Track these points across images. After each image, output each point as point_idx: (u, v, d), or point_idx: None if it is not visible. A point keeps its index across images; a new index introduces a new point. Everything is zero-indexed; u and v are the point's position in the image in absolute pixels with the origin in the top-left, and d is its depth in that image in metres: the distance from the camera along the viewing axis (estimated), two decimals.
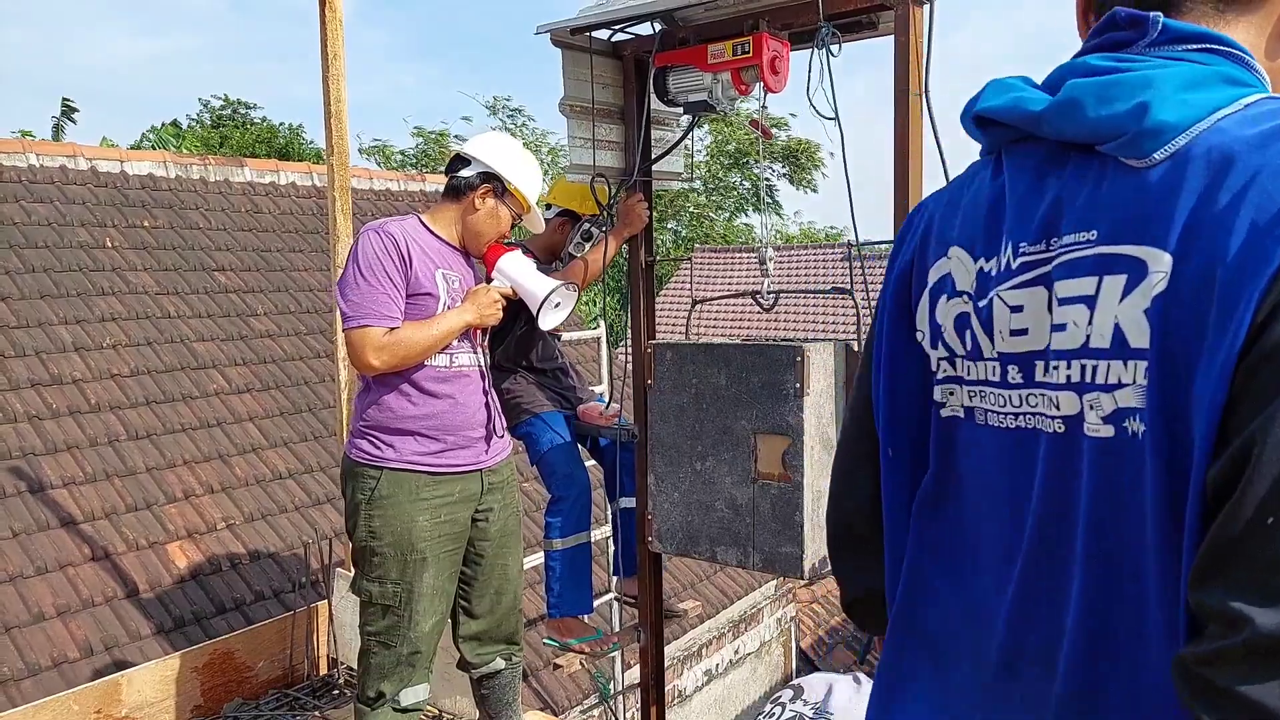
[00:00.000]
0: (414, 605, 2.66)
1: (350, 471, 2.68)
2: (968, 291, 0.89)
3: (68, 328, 5.38)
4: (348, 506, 2.69)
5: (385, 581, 2.64)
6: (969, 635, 0.91)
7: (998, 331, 0.86)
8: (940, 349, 0.92)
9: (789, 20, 2.68)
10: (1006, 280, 0.85)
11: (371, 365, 2.53)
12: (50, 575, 4.18)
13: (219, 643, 3.24)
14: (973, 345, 0.88)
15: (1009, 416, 0.86)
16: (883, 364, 0.99)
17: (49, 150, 6.60)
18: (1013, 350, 0.85)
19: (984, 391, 0.88)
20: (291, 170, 7.91)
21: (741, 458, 2.68)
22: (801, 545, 2.56)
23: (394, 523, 2.61)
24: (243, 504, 5.04)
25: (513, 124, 23.98)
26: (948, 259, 0.92)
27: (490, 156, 2.72)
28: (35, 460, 4.60)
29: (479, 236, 2.75)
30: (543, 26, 2.82)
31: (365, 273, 2.53)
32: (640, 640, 3.23)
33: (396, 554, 2.63)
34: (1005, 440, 0.86)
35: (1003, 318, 0.85)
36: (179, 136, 16.87)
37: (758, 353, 2.64)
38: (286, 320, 6.50)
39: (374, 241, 2.56)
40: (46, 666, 3.84)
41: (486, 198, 2.72)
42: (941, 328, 0.92)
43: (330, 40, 3.11)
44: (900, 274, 0.98)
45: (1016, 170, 0.87)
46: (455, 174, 2.75)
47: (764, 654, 7.41)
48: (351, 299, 2.52)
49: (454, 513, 2.70)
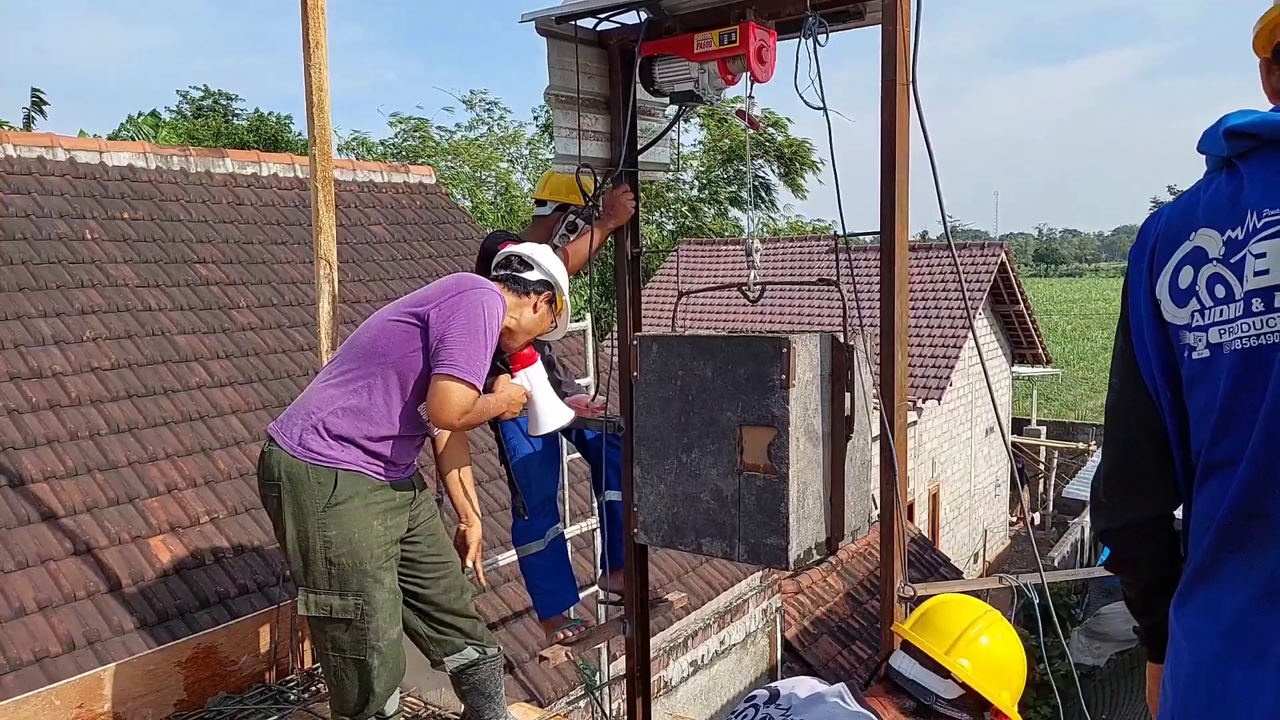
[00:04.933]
0: (377, 614, 2.59)
1: (295, 474, 2.52)
2: (1218, 257, 1.18)
3: (47, 320, 5.32)
4: (288, 513, 2.53)
5: (346, 593, 2.54)
6: None
7: (1246, 275, 1.14)
8: (1192, 304, 1.21)
9: (776, 9, 2.68)
10: (1254, 237, 1.13)
11: (453, 424, 2.56)
12: (31, 570, 4.13)
13: (202, 637, 3.21)
14: (1225, 293, 1.17)
15: (1250, 338, 1.13)
16: (1144, 331, 1.30)
17: (26, 141, 6.51)
18: (1257, 286, 1.13)
19: (1231, 327, 1.16)
20: (274, 161, 7.83)
21: (727, 449, 2.68)
22: (786, 536, 2.56)
23: (351, 529, 2.52)
24: (226, 497, 5.00)
25: (490, 117, 23.91)
26: (1192, 240, 1.22)
27: (552, 269, 2.85)
28: (15, 454, 4.54)
29: (525, 334, 2.84)
30: (527, 15, 2.80)
31: (487, 334, 2.55)
32: (626, 632, 3.23)
33: (354, 563, 2.53)
34: (1250, 358, 1.13)
35: (1250, 265, 1.14)
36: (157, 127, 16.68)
37: (743, 345, 2.63)
38: (269, 313, 6.45)
39: (499, 309, 2.63)
40: (28, 661, 3.80)
41: (543, 303, 2.83)
42: (1194, 289, 1.21)
43: (312, 29, 3.08)
44: (1142, 264, 1.29)
45: (1256, 167, 1.18)
46: (518, 273, 2.82)
47: (749, 645, 7.44)
48: (469, 350, 2.51)
49: (399, 516, 2.67)
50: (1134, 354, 1.33)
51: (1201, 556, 1.22)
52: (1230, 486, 1.17)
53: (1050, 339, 24.35)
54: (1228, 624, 1.16)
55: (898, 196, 2.52)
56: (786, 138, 23.30)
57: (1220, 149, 1.24)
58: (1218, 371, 1.18)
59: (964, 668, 1.73)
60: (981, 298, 16.09)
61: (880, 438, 2.71)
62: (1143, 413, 1.33)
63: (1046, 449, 21.74)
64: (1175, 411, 1.30)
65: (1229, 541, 1.18)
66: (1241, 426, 1.15)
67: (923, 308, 15.90)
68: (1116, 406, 1.42)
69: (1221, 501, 1.18)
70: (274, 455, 2.56)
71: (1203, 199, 1.25)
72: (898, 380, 2.63)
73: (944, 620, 1.81)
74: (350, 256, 7.42)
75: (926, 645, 1.76)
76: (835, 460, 2.73)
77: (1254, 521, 1.14)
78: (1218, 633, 1.17)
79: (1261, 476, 1.13)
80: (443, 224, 8.63)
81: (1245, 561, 1.16)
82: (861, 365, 2.73)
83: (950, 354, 15.04)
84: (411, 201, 8.66)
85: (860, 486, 2.87)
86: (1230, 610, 1.16)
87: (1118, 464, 1.43)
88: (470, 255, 7.66)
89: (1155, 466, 1.34)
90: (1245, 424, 1.15)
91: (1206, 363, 1.20)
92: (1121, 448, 1.42)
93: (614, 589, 3.39)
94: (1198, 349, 1.21)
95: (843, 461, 2.74)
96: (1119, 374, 1.39)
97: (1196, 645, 1.20)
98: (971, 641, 1.76)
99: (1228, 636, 1.16)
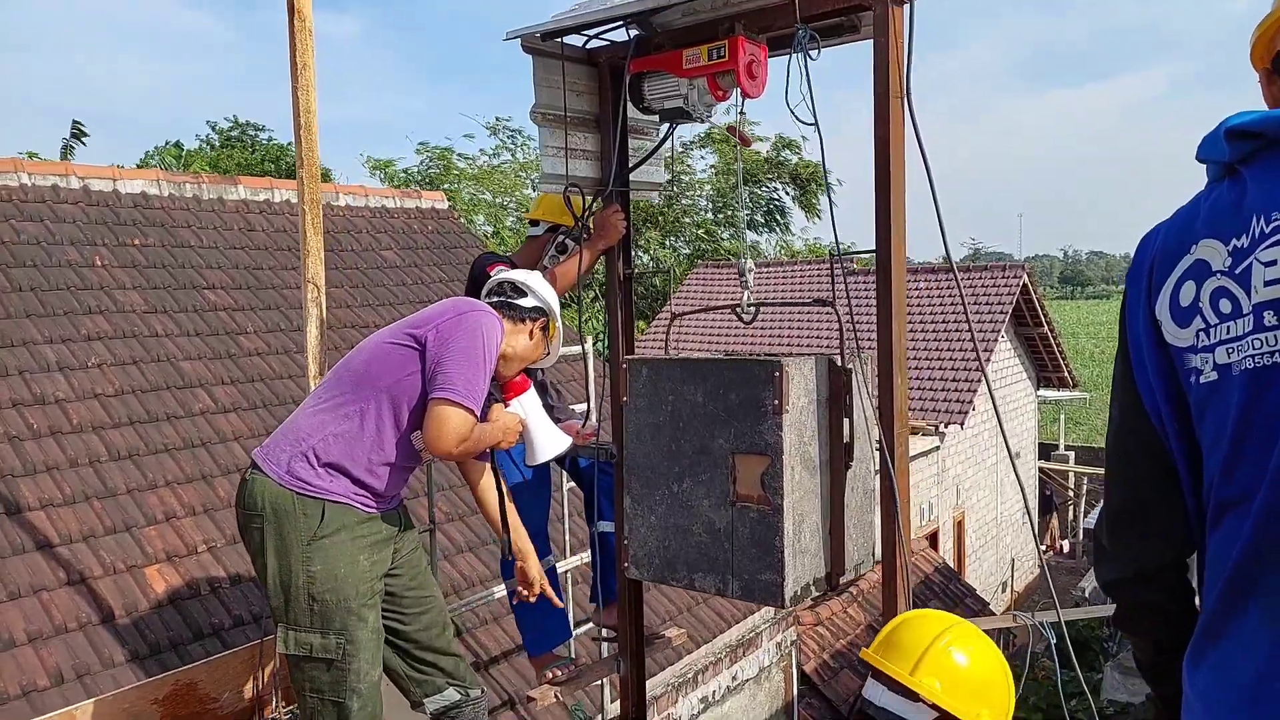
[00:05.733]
0: (360, 655, 2.48)
1: (280, 505, 2.42)
2: (1222, 269, 1.07)
3: (53, 347, 5.31)
4: (270, 546, 2.43)
5: (328, 632, 2.43)
6: None
7: (1254, 286, 1.03)
8: (1195, 323, 1.10)
9: (766, 23, 2.59)
10: (1261, 243, 1.03)
11: (450, 452, 2.47)
12: (24, 600, 4.06)
13: (181, 673, 3.12)
14: (1231, 308, 1.06)
15: (1262, 356, 1.02)
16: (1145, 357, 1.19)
17: (41, 169, 6.56)
18: (1268, 297, 1.02)
19: (1239, 345, 1.05)
20: (285, 188, 7.85)
21: (719, 479, 2.56)
22: (782, 573, 2.43)
23: (336, 564, 2.42)
24: (225, 525, 4.92)
25: (513, 144, 24.06)
26: (1193, 253, 1.11)
27: (546, 296, 2.81)
28: (13, 482, 4.50)
29: (520, 361, 2.77)
30: (513, 32, 2.73)
31: (487, 358, 2.48)
32: (620, 670, 3.10)
33: (338, 600, 2.43)
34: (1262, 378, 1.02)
35: (1259, 274, 1.03)
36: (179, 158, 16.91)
37: (734, 368, 2.52)
38: (276, 338, 6.41)
39: (498, 334, 2.57)
40: (15, 695, 3.72)
41: (537, 330, 2.78)
42: (1197, 306, 1.10)
43: (299, 50, 3.03)
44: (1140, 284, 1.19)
45: (1259, 171, 1.08)
46: (512, 300, 2.78)
47: (764, 680, 7.23)
48: (467, 375, 2.43)
49: (385, 550, 2.56)
50: (1135, 382, 1.21)
51: (1214, 608, 1.08)
52: (1244, 526, 1.03)
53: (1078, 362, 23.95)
54: (1246, 688, 1.02)
55: (893, 213, 2.41)
56: (801, 159, 23.23)
57: (1222, 153, 1.14)
58: (1227, 395, 1.06)
59: (934, 689, 1.57)
60: (1003, 320, 15.84)
61: (880, 467, 2.58)
62: (1147, 447, 1.20)
63: (1075, 475, 21.31)
64: (1183, 444, 1.17)
65: (1244, 590, 1.04)
66: (1256, 457, 1.02)
67: (945, 330, 15.68)
68: (1117, 441, 1.28)
69: (1235, 544, 1.04)
70: (258, 483, 2.47)
71: (1203, 209, 1.15)
72: (897, 405, 2.51)
73: (908, 638, 1.65)
74: (361, 282, 7.39)
75: (890, 668, 1.61)
76: (834, 490, 2.60)
77: (1271, 566, 1.01)
78: (1236, 698, 1.03)
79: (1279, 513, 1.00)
80: (454, 248, 8.60)
81: (1263, 614, 1.02)
82: (861, 390, 2.60)
83: (973, 377, 14.79)
84: (424, 226, 8.65)
85: (863, 518, 2.74)
86: (1247, 671, 1.02)
87: (1122, 505, 1.28)
88: None
89: (1163, 506, 1.20)
90: (1260, 454, 1.02)
91: (1214, 386, 1.08)
92: (1125, 486, 1.27)
93: (609, 625, 3.26)
94: (1204, 372, 1.09)
95: (843, 491, 2.61)
96: (1119, 404, 1.26)
97: (1211, 712, 1.06)
98: (939, 657, 1.60)
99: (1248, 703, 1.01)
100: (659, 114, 2.84)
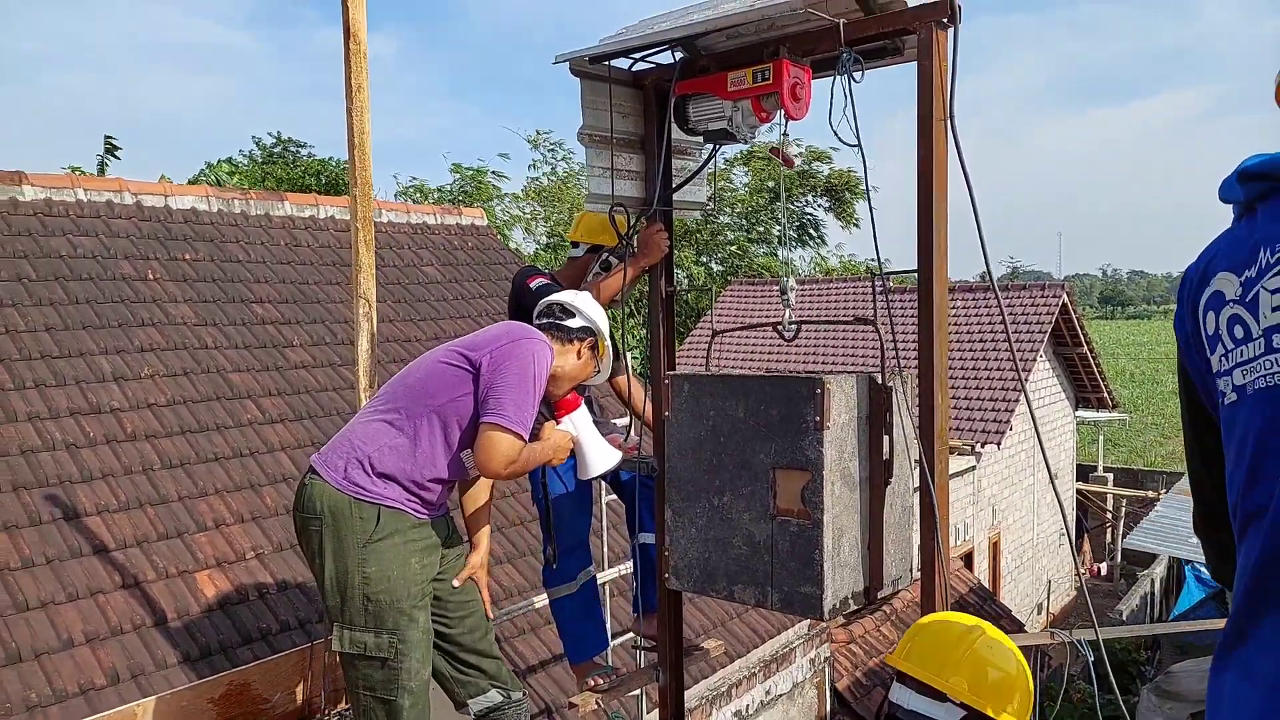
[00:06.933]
0: (411, 654, 2.57)
1: (338, 508, 2.52)
2: (1235, 299, 1.17)
3: (108, 358, 5.48)
4: (328, 548, 2.53)
5: (381, 631, 2.53)
6: None
7: (1262, 313, 1.12)
8: (1219, 350, 1.19)
9: (810, 47, 2.65)
10: (1266, 274, 1.12)
11: (499, 473, 2.59)
12: (81, 602, 4.20)
13: (236, 674, 3.21)
14: (1243, 333, 1.14)
15: (1273, 375, 1.10)
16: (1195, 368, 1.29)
17: (96, 185, 6.77)
18: (1275, 322, 1.10)
19: (1252, 366, 1.13)
20: (331, 205, 8.03)
21: (760, 493, 2.61)
22: (821, 585, 2.47)
23: (390, 567, 2.51)
24: (272, 534, 5.05)
25: (554, 158, 24.26)
26: (1212, 285, 1.22)
27: (594, 316, 2.91)
28: (71, 487, 4.66)
29: (570, 380, 2.86)
30: (561, 56, 2.82)
31: (535, 386, 2.59)
32: (659, 680, 3.15)
33: (391, 600, 2.52)
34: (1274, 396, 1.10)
35: (1266, 301, 1.12)
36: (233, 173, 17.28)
37: (776, 385, 2.57)
38: (321, 351, 6.56)
39: (547, 360, 2.67)
40: (74, 694, 3.85)
41: (586, 349, 2.87)
42: (1218, 334, 1.19)
43: (354, 73, 3.14)
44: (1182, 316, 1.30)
45: (1270, 208, 1.16)
46: (561, 321, 2.87)
47: (796, 695, 7.22)
48: (518, 401, 2.54)
49: (434, 555, 2.66)
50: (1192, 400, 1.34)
51: (1238, 613, 1.15)
52: (1260, 538, 1.10)
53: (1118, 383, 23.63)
54: (1267, 686, 1.08)
55: (936, 233, 2.46)
56: (833, 170, 23.18)
57: (1237, 194, 1.23)
58: (1247, 415, 1.15)
59: (962, 689, 1.65)
60: (1042, 339, 15.69)
61: (920, 484, 2.61)
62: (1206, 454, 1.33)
63: (1114, 497, 20.97)
64: None
65: (1263, 597, 1.10)
66: (1271, 471, 1.10)
67: (981, 349, 15.56)
68: (1188, 451, 1.44)
69: (1254, 553, 1.11)
70: (316, 487, 2.56)
71: (1222, 245, 1.26)
72: (937, 424, 2.54)
73: (932, 642, 1.73)
74: (403, 297, 7.53)
75: (919, 671, 1.68)
76: (873, 506, 2.64)
77: None
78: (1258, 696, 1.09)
79: None
80: (494, 265, 8.73)
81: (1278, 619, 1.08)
82: (902, 408, 2.64)
83: (1010, 397, 14.65)
84: (464, 243, 8.79)
85: (901, 534, 2.77)
86: (1268, 671, 1.08)
87: (1200, 508, 1.45)
88: None
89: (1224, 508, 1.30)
90: (1275, 469, 1.09)
91: (1235, 407, 1.17)
92: (1199, 491, 1.44)
93: (649, 634, 3.32)
94: (1227, 394, 1.19)
95: (882, 507, 2.64)
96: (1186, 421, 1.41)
97: (1236, 709, 1.12)
98: (964, 658, 1.67)
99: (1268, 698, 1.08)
100: (703, 135, 2.91)
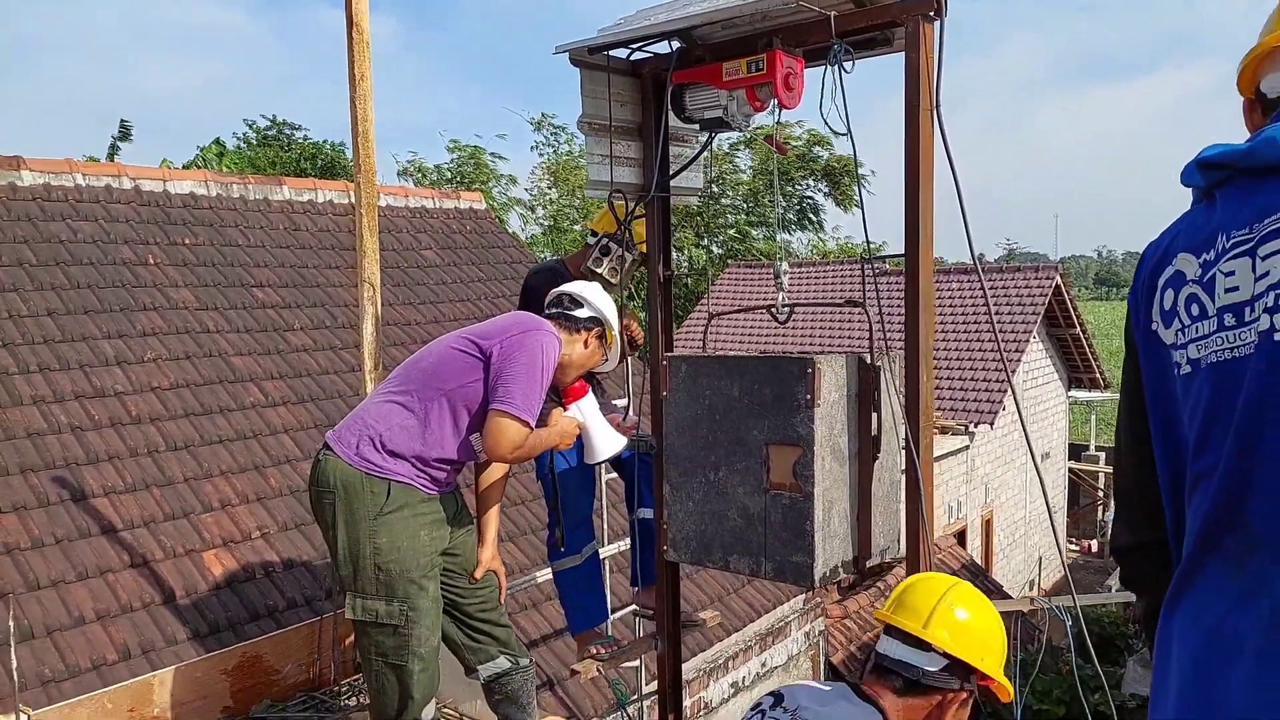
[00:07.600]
0: (421, 621, 2.68)
1: (350, 482, 2.63)
2: (1194, 278, 1.26)
3: (110, 342, 5.55)
4: (341, 520, 2.64)
5: (392, 599, 2.65)
6: None
7: (1217, 293, 1.21)
8: (1175, 324, 1.29)
9: (802, 38, 2.74)
10: (1222, 258, 1.20)
11: (506, 457, 2.71)
12: (90, 581, 4.31)
13: (248, 646, 3.33)
14: (1199, 311, 1.24)
15: (1223, 352, 1.19)
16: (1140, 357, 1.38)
17: (94, 170, 6.82)
18: (1228, 302, 1.20)
19: (1206, 342, 1.22)
20: (329, 189, 8.08)
21: (754, 468, 2.72)
22: (812, 555, 2.59)
23: (400, 538, 2.63)
24: (276, 514, 5.15)
25: (556, 140, 24.20)
26: (1173, 265, 1.30)
27: (601, 306, 2.98)
28: (78, 470, 4.75)
29: (577, 369, 2.95)
30: (561, 46, 2.90)
31: (543, 375, 2.69)
32: (657, 649, 3.27)
33: (401, 570, 2.64)
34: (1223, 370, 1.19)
35: (1221, 283, 1.21)
36: (221, 155, 17.27)
37: (769, 365, 2.68)
38: (322, 335, 6.64)
39: (555, 350, 2.75)
40: (86, 669, 3.96)
41: (593, 339, 2.95)
42: (1176, 311, 1.28)
43: (357, 61, 3.22)
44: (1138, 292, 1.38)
45: (1227, 196, 1.25)
46: (569, 311, 2.95)
47: (792, 667, 7.38)
48: (526, 390, 2.64)
49: (442, 529, 2.77)
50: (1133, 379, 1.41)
51: (1187, 561, 1.27)
52: (1209, 495, 1.22)
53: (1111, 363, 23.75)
54: (1211, 627, 1.20)
55: (922, 219, 2.55)
56: (832, 154, 23.20)
57: (1197, 180, 1.32)
58: (1199, 386, 1.25)
59: (944, 638, 1.79)
60: (1035, 321, 15.82)
61: (906, 461, 2.72)
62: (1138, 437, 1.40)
63: (1105, 476, 21.19)
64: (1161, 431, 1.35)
65: (1209, 548, 1.22)
66: (1219, 437, 1.21)
67: (975, 331, 15.69)
68: (1119, 431, 1.49)
69: (1202, 509, 1.23)
70: (329, 462, 2.67)
71: (1183, 227, 1.34)
72: (923, 402, 2.65)
73: (917, 598, 1.87)
74: (402, 280, 7.61)
75: (905, 623, 1.83)
76: (862, 480, 2.75)
77: (1231, 529, 1.19)
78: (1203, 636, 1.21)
79: (1235, 484, 1.18)
80: (492, 248, 8.80)
81: (1226, 567, 1.20)
82: (889, 386, 2.75)
83: (1003, 377, 14.79)
84: (462, 227, 8.85)
85: (889, 506, 2.88)
86: (1213, 614, 1.20)
87: (1120, 487, 1.51)
88: (517, 280, 7.80)
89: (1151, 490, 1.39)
90: (1221, 434, 1.20)
91: (1189, 378, 1.27)
92: (1121, 472, 1.50)
93: (648, 605, 3.44)
94: (1182, 366, 1.28)
95: (870, 481, 2.75)
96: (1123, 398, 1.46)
97: (1184, 648, 1.24)
98: (946, 613, 1.82)
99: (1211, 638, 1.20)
100: (699, 123, 3.00)
